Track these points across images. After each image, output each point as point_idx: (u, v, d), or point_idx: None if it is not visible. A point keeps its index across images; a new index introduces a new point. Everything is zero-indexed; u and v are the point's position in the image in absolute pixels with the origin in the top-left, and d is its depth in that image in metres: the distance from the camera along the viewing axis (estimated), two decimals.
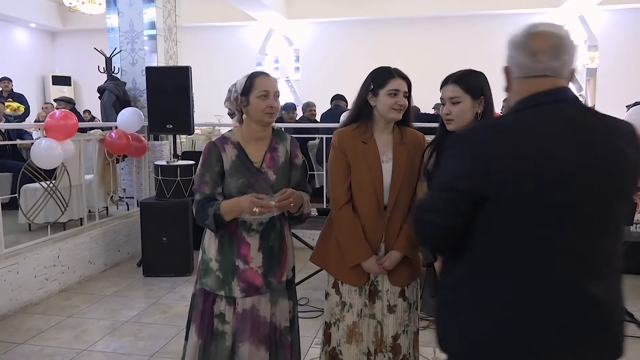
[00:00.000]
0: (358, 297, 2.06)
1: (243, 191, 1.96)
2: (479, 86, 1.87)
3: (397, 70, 2.04)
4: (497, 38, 12.35)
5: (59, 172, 4.44)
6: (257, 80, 1.98)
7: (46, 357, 3.04)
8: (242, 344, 2.01)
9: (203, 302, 2.04)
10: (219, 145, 2.01)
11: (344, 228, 2.04)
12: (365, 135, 2.04)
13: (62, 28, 13.70)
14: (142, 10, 5.63)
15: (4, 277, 3.62)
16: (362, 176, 2.02)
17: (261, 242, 2.02)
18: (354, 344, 2.07)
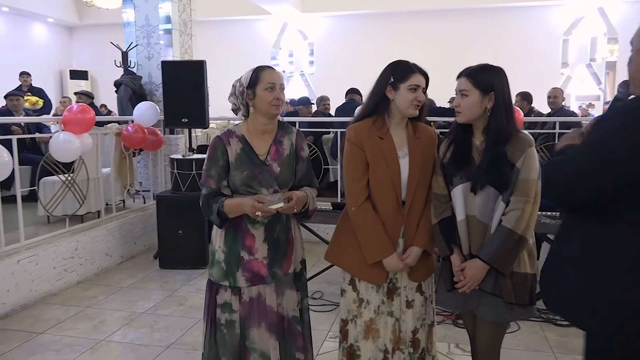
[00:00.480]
0: (375, 294, 2.06)
1: (247, 183, 1.99)
2: (490, 82, 1.87)
3: (417, 65, 2.03)
4: (513, 31, 12.28)
5: (76, 165, 4.50)
6: (263, 74, 2.00)
7: (65, 347, 3.10)
8: (252, 329, 2.04)
9: (209, 292, 2.09)
10: (224, 139, 2.04)
11: (365, 225, 2.01)
12: (382, 130, 2.03)
13: (79, 23, 13.84)
14: (158, 4, 5.67)
15: (24, 268, 3.70)
16: (381, 172, 2.00)
17: (266, 234, 2.03)
18: (371, 340, 2.07)
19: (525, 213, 1.82)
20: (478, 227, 1.90)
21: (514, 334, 3.22)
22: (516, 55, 11.59)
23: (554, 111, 5.88)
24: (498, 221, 1.85)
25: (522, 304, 1.88)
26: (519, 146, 1.85)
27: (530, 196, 1.83)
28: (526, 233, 1.83)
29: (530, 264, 1.90)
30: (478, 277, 1.87)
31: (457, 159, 1.94)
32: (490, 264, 1.84)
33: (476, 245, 1.90)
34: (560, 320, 3.40)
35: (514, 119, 1.90)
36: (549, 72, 11.46)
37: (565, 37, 11.89)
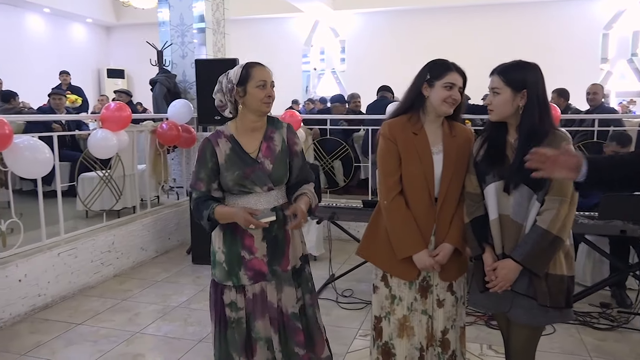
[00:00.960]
0: (408, 290, 2.04)
1: (240, 183, 1.98)
2: (522, 79, 1.83)
3: (455, 65, 2.00)
4: (551, 25, 11.94)
5: (113, 161, 4.62)
6: (253, 71, 1.98)
7: (102, 338, 3.19)
8: (257, 322, 2.06)
9: (214, 293, 2.10)
10: (212, 140, 2.02)
11: (396, 219, 2.01)
12: (416, 126, 2.02)
13: (117, 23, 14.20)
14: (192, 3, 5.75)
15: (64, 261, 3.82)
16: (413, 167, 1.99)
17: (264, 233, 2.03)
18: (406, 338, 2.05)
19: (561, 213, 1.77)
20: (512, 227, 1.86)
21: (550, 337, 3.14)
22: (554, 50, 11.29)
23: (593, 108, 5.70)
24: (533, 221, 1.81)
25: (557, 307, 1.83)
26: (555, 144, 1.79)
27: (567, 195, 1.78)
28: (562, 233, 1.78)
29: (567, 266, 1.85)
30: (510, 277, 1.83)
31: (490, 157, 1.91)
32: (523, 265, 1.80)
33: (509, 245, 1.86)
34: (598, 324, 3.31)
35: (549, 117, 1.85)
36: (588, 68, 11.13)
37: (605, 31, 11.51)
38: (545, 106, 1.85)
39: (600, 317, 3.41)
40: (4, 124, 3.24)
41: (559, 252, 1.82)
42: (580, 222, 3.42)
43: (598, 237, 3.67)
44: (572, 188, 1.78)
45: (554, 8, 11.49)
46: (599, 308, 3.54)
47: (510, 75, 1.85)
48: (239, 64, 2.03)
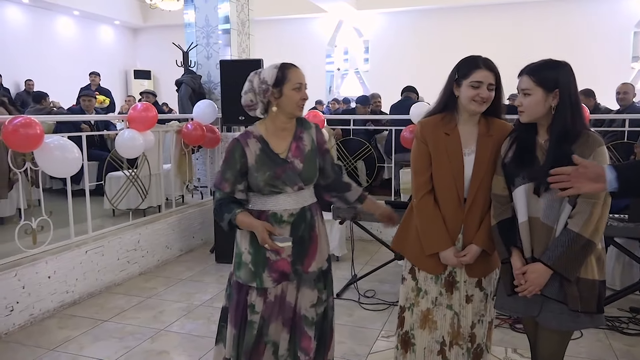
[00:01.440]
0: (434, 285, 2.06)
1: (271, 183, 1.96)
2: (553, 79, 1.78)
3: (485, 60, 1.96)
4: (580, 23, 11.68)
5: (140, 161, 4.70)
6: (290, 72, 1.96)
7: (127, 335, 3.25)
8: (271, 324, 2.05)
9: (238, 295, 2.06)
10: (242, 141, 1.99)
11: (424, 217, 2.04)
12: (449, 126, 2.00)
13: (143, 24, 14.45)
14: (217, 5, 5.82)
15: (92, 259, 3.91)
16: (443, 168, 1.99)
17: (292, 233, 2.02)
18: (427, 330, 2.07)
19: (594, 216, 1.72)
20: (542, 230, 1.82)
21: (577, 342, 3.08)
22: (583, 48, 11.05)
23: (623, 108, 5.56)
24: (564, 224, 1.77)
25: (588, 312, 1.78)
26: (587, 145, 1.75)
27: (599, 198, 1.73)
28: (594, 237, 1.73)
29: (598, 270, 1.81)
30: (540, 281, 1.79)
31: (520, 159, 1.87)
32: (554, 269, 1.76)
33: (539, 249, 1.82)
34: (627, 329, 3.23)
35: (581, 117, 1.80)
36: (618, 67, 10.86)
37: (636, 29, 11.21)
38: (577, 106, 1.80)
39: (630, 322, 3.33)
40: (35, 124, 3.33)
41: (591, 256, 1.78)
42: (610, 224, 3.33)
43: (628, 240, 3.58)
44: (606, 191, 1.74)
45: (584, 5, 11.24)
46: (629, 313, 3.45)
47: (541, 75, 1.80)
48: (273, 64, 2.01)
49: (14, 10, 11.49)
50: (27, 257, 3.50)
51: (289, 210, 2.01)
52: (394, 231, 2.26)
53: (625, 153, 4.84)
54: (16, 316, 3.31)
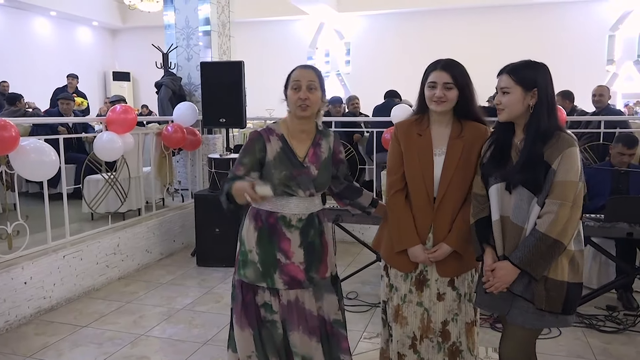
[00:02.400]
0: (403, 282, 2.12)
1: (285, 183, 1.98)
2: (532, 78, 1.82)
3: (445, 62, 2.02)
4: (556, 27, 11.87)
5: (119, 164, 4.64)
6: (293, 73, 2.01)
7: (107, 340, 3.20)
8: (292, 333, 2.04)
9: (242, 294, 2.05)
10: (264, 135, 2.03)
11: (394, 215, 2.11)
12: (422, 127, 2.09)
13: (122, 26, 14.28)
14: (197, 6, 5.78)
15: (70, 263, 3.84)
16: (413, 167, 2.06)
17: (302, 238, 2.03)
18: (399, 325, 2.14)
19: (560, 217, 1.73)
20: (512, 229, 1.85)
21: (556, 340, 3.13)
22: (559, 51, 11.25)
23: (599, 110, 5.67)
24: (533, 224, 1.79)
25: (554, 312, 1.80)
26: (557, 146, 1.77)
27: (567, 199, 1.74)
28: (562, 238, 1.74)
29: (571, 272, 1.81)
30: (506, 279, 1.82)
31: (495, 159, 1.91)
32: (521, 268, 1.78)
33: (510, 247, 1.85)
34: (604, 326, 3.29)
35: (556, 118, 1.84)
36: (593, 70, 11.08)
37: (611, 32, 11.46)
38: (553, 107, 1.84)
39: (607, 320, 3.39)
40: (10, 126, 3.26)
41: (561, 258, 1.79)
42: (587, 224, 3.40)
43: (604, 239, 3.65)
44: (575, 191, 1.75)
45: (560, 10, 11.46)
46: (605, 311, 3.52)
47: (520, 73, 1.84)
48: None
49: None
50: (3, 262, 3.43)
51: (297, 215, 2.02)
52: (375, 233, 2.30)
53: (601, 154, 4.93)
54: None
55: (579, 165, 1.77)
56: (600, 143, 4.96)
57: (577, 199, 1.76)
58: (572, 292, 1.81)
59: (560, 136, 1.79)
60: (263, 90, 10.79)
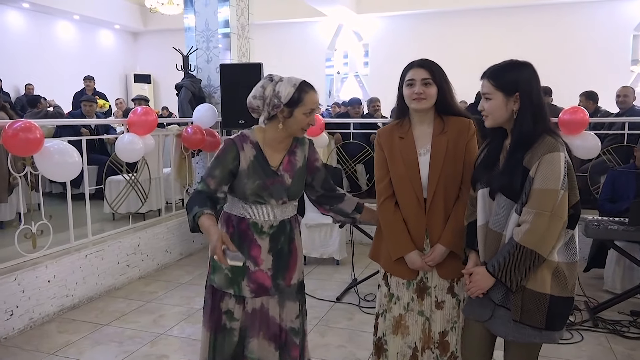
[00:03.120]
0: (406, 290, 2.07)
1: (258, 193, 1.93)
2: (513, 82, 1.71)
3: (421, 60, 2.00)
4: (579, 27, 11.69)
5: (140, 165, 4.70)
6: (306, 96, 1.90)
7: (127, 339, 3.24)
8: (252, 340, 2.01)
9: (211, 299, 2.03)
10: (238, 143, 1.95)
11: (386, 222, 2.07)
12: (403, 130, 2.04)
13: (144, 29, 14.49)
14: (217, 9, 5.83)
15: (91, 262, 3.90)
16: (399, 171, 2.02)
17: (271, 245, 1.99)
18: (400, 336, 2.08)
19: (537, 227, 1.63)
20: (492, 235, 1.78)
21: (577, 345, 3.07)
22: (583, 52, 11.08)
23: (623, 111, 5.56)
24: (512, 232, 1.71)
25: (532, 326, 1.70)
26: (536, 151, 1.66)
27: (544, 209, 1.62)
28: (539, 249, 1.63)
29: (555, 285, 1.69)
30: (481, 284, 1.76)
31: (484, 163, 1.84)
32: (495, 276, 1.72)
33: (489, 254, 1.79)
34: (628, 332, 3.22)
35: (544, 120, 1.71)
36: (618, 70, 10.88)
37: (636, 32, 11.24)
38: (539, 109, 1.71)
39: (631, 325, 3.32)
40: (35, 128, 3.33)
41: (542, 269, 1.69)
42: (610, 227, 3.34)
43: (628, 243, 3.58)
44: (555, 200, 1.63)
45: (583, 9, 11.27)
46: (630, 316, 3.45)
47: (500, 78, 1.73)
48: (292, 80, 1.91)
49: (15, 14, 11.51)
50: (27, 261, 3.50)
51: (269, 221, 1.98)
52: None
53: (625, 156, 4.84)
54: (16, 320, 3.30)
55: (562, 172, 1.64)
56: (625, 145, 4.86)
57: (558, 208, 1.63)
58: (556, 306, 1.69)
59: (544, 141, 1.68)
60: None
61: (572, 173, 1.70)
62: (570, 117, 4.65)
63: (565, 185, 1.65)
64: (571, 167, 1.71)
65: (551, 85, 5.80)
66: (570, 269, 1.72)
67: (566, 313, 1.74)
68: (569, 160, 1.70)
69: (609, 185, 4.08)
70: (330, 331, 3.33)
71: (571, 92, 6.92)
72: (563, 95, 7.22)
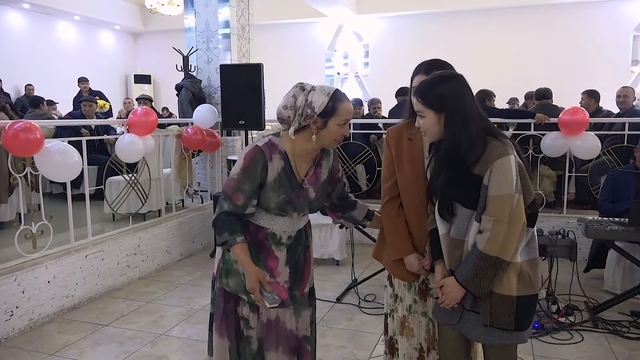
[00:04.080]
0: (407, 292, 2.08)
1: (282, 207, 1.85)
2: (439, 98, 1.69)
3: (427, 64, 1.97)
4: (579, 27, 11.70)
5: (140, 165, 4.70)
6: (342, 106, 1.79)
7: (128, 340, 3.24)
8: (269, 352, 1.97)
9: (224, 303, 1.96)
10: (267, 153, 1.82)
11: (387, 223, 2.06)
12: (412, 131, 1.99)
13: (144, 29, 14.49)
14: (217, 9, 5.83)
15: (91, 263, 3.90)
16: (405, 173, 1.99)
17: (288, 257, 1.94)
18: (405, 337, 2.09)
19: (497, 234, 1.63)
20: (455, 244, 1.77)
21: (578, 345, 3.07)
22: (583, 52, 11.08)
23: (623, 111, 5.56)
24: (474, 239, 1.71)
25: (502, 328, 1.72)
26: (486, 158, 1.65)
27: (502, 215, 1.63)
28: (503, 254, 1.65)
29: (521, 286, 1.71)
30: (454, 295, 1.76)
31: (434, 176, 1.83)
32: (464, 287, 1.72)
33: (453, 261, 1.79)
34: (628, 333, 3.22)
35: (478, 130, 1.69)
36: (618, 70, 10.87)
37: (636, 32, 11.23)
38: (471, 119, 1.68)
39: (631, 326, 3.32)
40: (35, 129, 3.33)
41: (508, 272, 1.69)
42: (610, 228, 3.34)
43: (628, 243, 3.58)
44: (511, 204, 1.62)
45: (584, 9, 11.27)
46: (630, 317, 3.44)
47: (427, 96, 1.71)
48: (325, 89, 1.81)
49: (15, 15, 11.51)
50: (27, 261, 3.50)
51: (287, 232, 1.93)
52: None
53: (625, 157, 4.84)
54: (16, 321, 3.30)
55: (514, 175, 1.64)
56: (625, 145, 4.86)
57: (515, 212, 1.64)
58: (523, 306, 1.71)
59: (492, 145, 1.67)
60: (282, 92, 10.86)
61: (524, 172, 1.70)
62: (571, 117, 4.66)
63: (518, 187, 1.66)
64: (522, 167, 1.71)
65: (551, 85, 5.80)
66: (532, 266, 1.75)
67: (532, 311, 1.77)
68: (519, 161, 1.70)
69: (609, 185, 4.08)
70: (330, 332, 3.33)
71: (571, 93, 6.92)
72: (563, 95, 7.22)
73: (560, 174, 5.17)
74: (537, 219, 1.76)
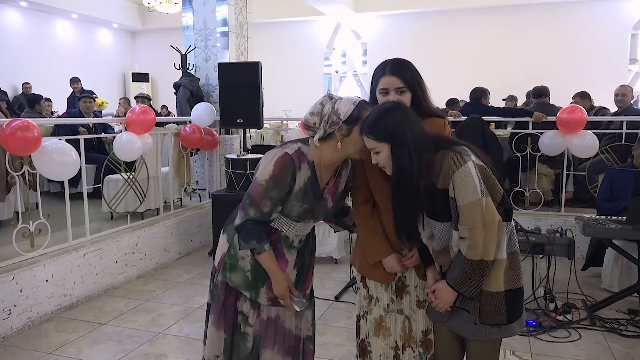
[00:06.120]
0: (384, 292, 2.05)
1: (302, 216, 1.89)
2: (387, 129, 1.69)
3: (394, 65, 1.92)
4: (577, 26, 11.69)
5: (138, 164, 4.70)
6: (366, 114, 1.79)
7: (126, 338, 3.24)
8: (265, 350, 1.98)
9: (225, 296, 1.98)
10: (296, 162, 1.83)
11: (362, 227, 2.03)
12: None
13: (142, 27, 14.46)
14: (215, 8, 5.82)
15: (90, 262, 3.90)
16: (375, 174, 1.95)
17: (297, 259, 1.98)
18: (381, 338, 2.06)
19: (475, 240, 1.66)
20: (441, 254, 1.80)
21: (575, 343, 3.08)
22: (580, 51, 11.09)
23: (621, 110, 5.57)
24: (457, 246, 1.73)
25: (492, 324, 1.75)
26: (445, 172, 1.67)
27: (475, 222, 1.65)
28: (486, 256, 1.67)
29: (507, 280, 1.74)
30: (447, 299, 1.78)
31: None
32: (455, 289, 1.75)
33: (443, 262, 1.82)
34: (626, 330, 3.23)
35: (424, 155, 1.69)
36: (616, 69, 10.89)
37: (634, 31, 11.25)
38: (415, 141, 1.69)
39: (628, 324, 3.33)
40: (33, 127, 3.33)
41: (495, 269, 1.72)
42: (608, 226, 3.35)
43: (626, 242, 3.58)
44: (481, 209, 1.64)
45: (581, 8, 11.27)
46: (627, 315, 3.45)
47: (377, 132, 1.70)
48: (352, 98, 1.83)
49: (12, 13, 11.48)
50: (25, 260, 3.50)
51: (299, 236, 1.97)
52: None
53: (623, 155, 4.85)
54: (14, 320, 3.30)
55: (476, 181, 1.64)
56: (622, 144, 4.87)
57: (486, 215, 1.65)
58: (511, 299, 1.75)
59: (447, 158, 1.68)
60: (280, 90, 10.86)
61: (486, 172, 1.71)
62: (569, 116, 4.67)
63: (484, 190, 1.66)
64: (483, 167, 1.71)
65: (549, 84, 5.80)
66: (514, 259, 1.78)
67: (520, 301, 1.80)
68: (479, 163, 1.70)
69: (607, 184, 4.08)
70: (328, 330, 3.34)
71: (569, 91, 6.91)
72: (561, 94, 7.23)
73: (558, 173, 5.18)
74: (512, 213, 1.77)
